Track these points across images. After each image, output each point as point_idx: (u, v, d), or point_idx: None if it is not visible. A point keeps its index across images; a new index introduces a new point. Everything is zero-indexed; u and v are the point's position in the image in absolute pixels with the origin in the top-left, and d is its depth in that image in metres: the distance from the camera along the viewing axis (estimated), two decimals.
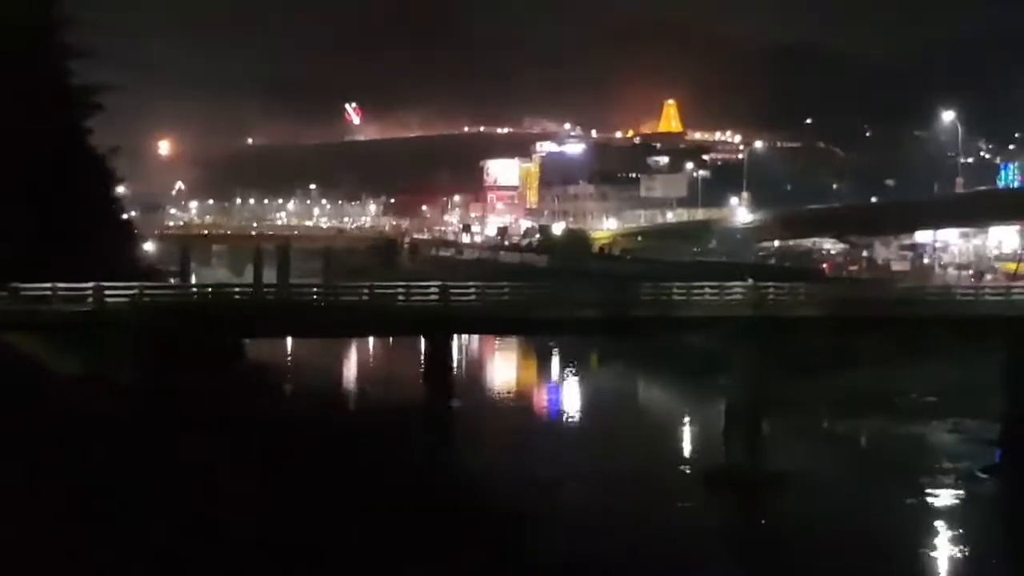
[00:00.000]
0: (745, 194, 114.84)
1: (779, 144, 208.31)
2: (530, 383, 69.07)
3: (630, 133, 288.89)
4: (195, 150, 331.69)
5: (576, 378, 67.22)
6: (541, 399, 62.92)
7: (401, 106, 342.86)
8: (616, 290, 43.74)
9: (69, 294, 35.29)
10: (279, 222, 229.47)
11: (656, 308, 39.55)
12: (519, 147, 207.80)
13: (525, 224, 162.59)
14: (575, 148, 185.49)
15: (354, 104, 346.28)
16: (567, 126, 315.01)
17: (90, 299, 35.50)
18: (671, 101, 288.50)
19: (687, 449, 46.65)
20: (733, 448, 39.46)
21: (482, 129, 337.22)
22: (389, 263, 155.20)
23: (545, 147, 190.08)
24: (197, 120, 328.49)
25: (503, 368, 75.63)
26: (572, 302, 40.11)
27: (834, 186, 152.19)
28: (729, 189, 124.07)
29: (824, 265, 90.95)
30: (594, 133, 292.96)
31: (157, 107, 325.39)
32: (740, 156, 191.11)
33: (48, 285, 35.26)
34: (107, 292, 35.69)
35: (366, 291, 39.43)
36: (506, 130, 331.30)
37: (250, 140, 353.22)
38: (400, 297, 38.26)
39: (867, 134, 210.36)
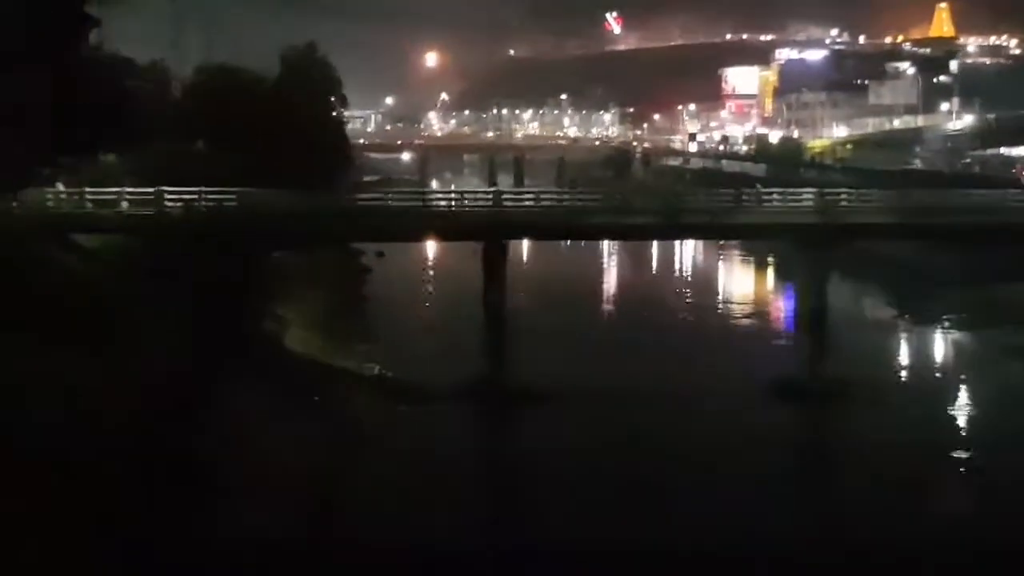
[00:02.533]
0: (956, 99, 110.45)
1: None
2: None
3: (900, 38, 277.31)
4: (460, 62, 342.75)
5: None
6: None
7: (663, 14, 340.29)
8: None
9: (134, 197, 39.13)
10: (531, 132, 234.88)
11: (707, 216, 41.32)
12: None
13: (760, 131, 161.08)
14: (815, 55, 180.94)
15: (615, 13, 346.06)
16: (834, 32, 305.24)
17: (152, 203, 38.96)
18: (943, 4, 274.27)
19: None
20: None
21: (744, 37, 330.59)
22: (622, 172, 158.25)
23: (784, 54, 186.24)
24: (463, 32, 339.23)
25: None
26: (630, 209, 42.13)
27: None
28: (967, 95, 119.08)
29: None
30: (862, 39, 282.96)
31: (426, 19, 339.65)
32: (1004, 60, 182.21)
33: (116, 190, 39.17)
34: (168, 197, 39.11)
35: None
36: (770, 37, 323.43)
37: (512, 52, 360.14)
38: (453, 203, 41.60)
39: None
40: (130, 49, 41.12)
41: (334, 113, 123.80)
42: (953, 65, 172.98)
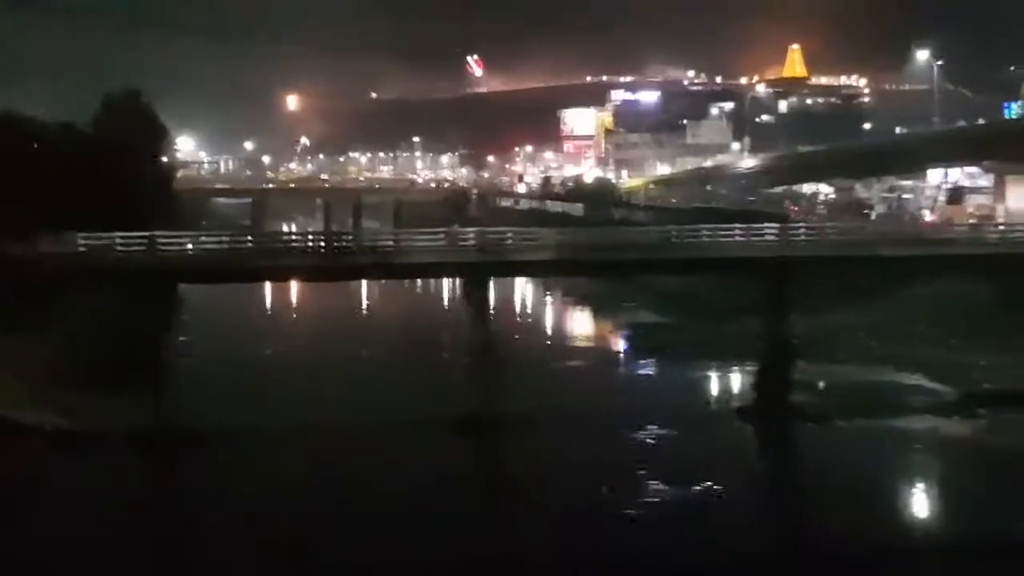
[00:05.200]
0: (747, 139, 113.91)
1: (903, 87, 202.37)
2: None
3: (755, 78, 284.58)
4: (324, 104, 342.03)
5: None
6: None
7: (526, 57, 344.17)
8: None
9: None
10: (379, 175, 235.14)
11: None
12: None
13: (595, 171, 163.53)
14: (649, 96, 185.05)
15: (475, 56, 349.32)
16: (691, 73, 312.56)
17: None
18: (795, 46, 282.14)
19: None
20: None
21: (604, 78, 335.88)
22: (459, 213, 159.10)
23: (619, 95, 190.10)
24: (328, 74, 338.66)
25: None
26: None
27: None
28: (800, 134, 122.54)
29: (795, 208, 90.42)
30: (719, 79, 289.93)
31: (287, 64, 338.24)
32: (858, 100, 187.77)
33: None
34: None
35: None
36: (629, 79, 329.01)
37: (374, 95, 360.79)
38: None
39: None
40: None
41: (164, 159, 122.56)
42: (783, 105, 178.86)
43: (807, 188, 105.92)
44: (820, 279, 45.31)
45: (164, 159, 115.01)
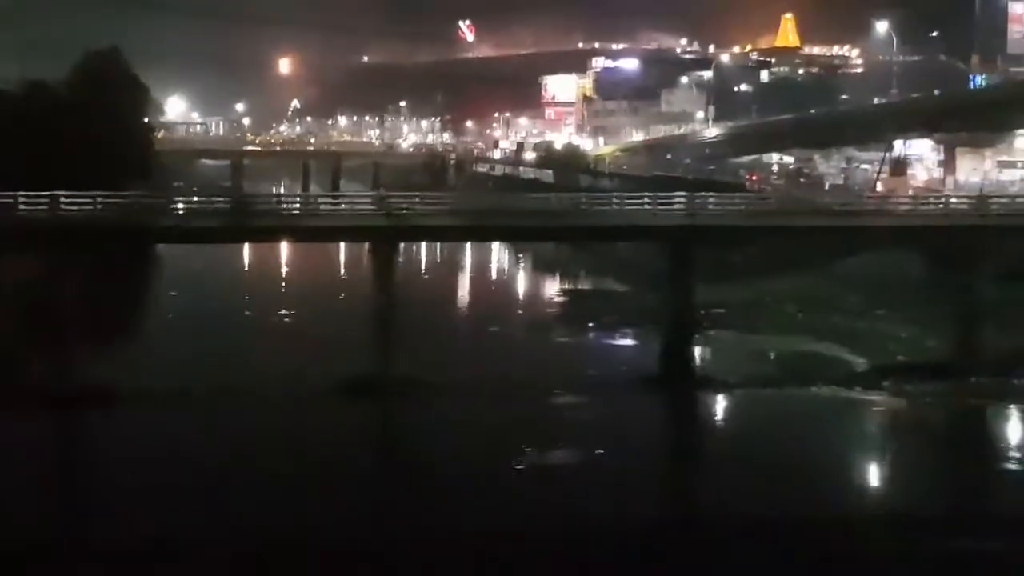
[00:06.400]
0: (711, 108, 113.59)
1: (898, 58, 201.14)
2: None
3: (748, 47, 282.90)
4: (315, 68, 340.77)
5: None
6: None
7: (517, 22, 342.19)
8: None
9: None
10: (350, 138, 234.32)
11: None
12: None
13: (574, 140, 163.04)
14: (629, 64, 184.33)
15: (467, 21, 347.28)
16: (683, 41, 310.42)
17: None
18: (788, 15, 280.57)
19: None
20: None
21: (597, 45, 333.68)
22: (437, 177, 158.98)
23: (600, 62, 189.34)
24: (320, 38, 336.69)
25: None
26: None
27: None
28: (781, 105, 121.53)
29: (753, 177, 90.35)
30: (712, 48, 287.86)
31: (284, 24, 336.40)
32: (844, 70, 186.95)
33: None
34: None
35: None
36: (622, 46, 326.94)
37: (365, 58, 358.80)
38: None
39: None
40: None
41: (146, 120, 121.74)
42: (764, 75, 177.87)
43: (775, 158, 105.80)
44: (724, 248, 45.18)
45: (145, 120, 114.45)
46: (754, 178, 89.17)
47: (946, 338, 46.72)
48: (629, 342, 51.10)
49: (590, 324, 54.62)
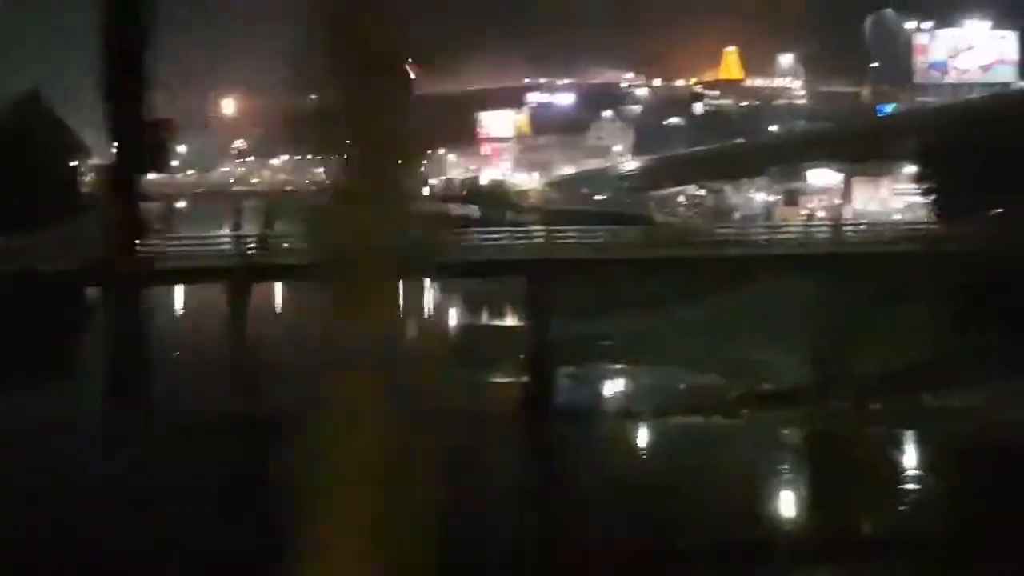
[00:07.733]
0: (631, 142, 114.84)
1: (839, 89, 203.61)
2: None
3: (693, 80, 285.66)
4: (260, 108, 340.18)
5: None
6: None
7: (463, 58, 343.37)
8: None
9: None
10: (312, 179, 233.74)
11: None
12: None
13: (510, 176, 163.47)
14: (564, 98, 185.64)
15: (410, 60, 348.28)
16: (629, 75, 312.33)
17: None
18: (732, 48, 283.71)
19: None
20: None
21: (542, 80, 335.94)
22: None
23: (535, 97, 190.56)
24: (269, 78, 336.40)
25: None
26: None
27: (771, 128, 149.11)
28: (712, 137, 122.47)
29: (665, 210, 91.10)
30: (657, 82, 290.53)
31: (232, 65, 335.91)
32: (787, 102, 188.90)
33: None
34: None
35: None
36: (566, 80, 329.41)
37: (313, 97, 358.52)
38: None
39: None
40: None
41: (72, 163, 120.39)
42: (698, 107, 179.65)
43: (692, 190, 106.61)
44: (578, 281, 45.52)
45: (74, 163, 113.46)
46: (665, 211, 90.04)
47: (816, 364, 47.11)
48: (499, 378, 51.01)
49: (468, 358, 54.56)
